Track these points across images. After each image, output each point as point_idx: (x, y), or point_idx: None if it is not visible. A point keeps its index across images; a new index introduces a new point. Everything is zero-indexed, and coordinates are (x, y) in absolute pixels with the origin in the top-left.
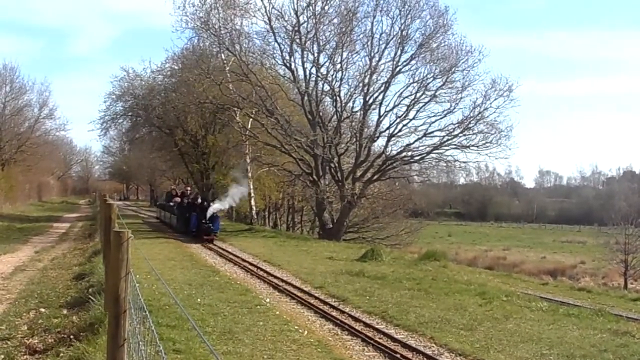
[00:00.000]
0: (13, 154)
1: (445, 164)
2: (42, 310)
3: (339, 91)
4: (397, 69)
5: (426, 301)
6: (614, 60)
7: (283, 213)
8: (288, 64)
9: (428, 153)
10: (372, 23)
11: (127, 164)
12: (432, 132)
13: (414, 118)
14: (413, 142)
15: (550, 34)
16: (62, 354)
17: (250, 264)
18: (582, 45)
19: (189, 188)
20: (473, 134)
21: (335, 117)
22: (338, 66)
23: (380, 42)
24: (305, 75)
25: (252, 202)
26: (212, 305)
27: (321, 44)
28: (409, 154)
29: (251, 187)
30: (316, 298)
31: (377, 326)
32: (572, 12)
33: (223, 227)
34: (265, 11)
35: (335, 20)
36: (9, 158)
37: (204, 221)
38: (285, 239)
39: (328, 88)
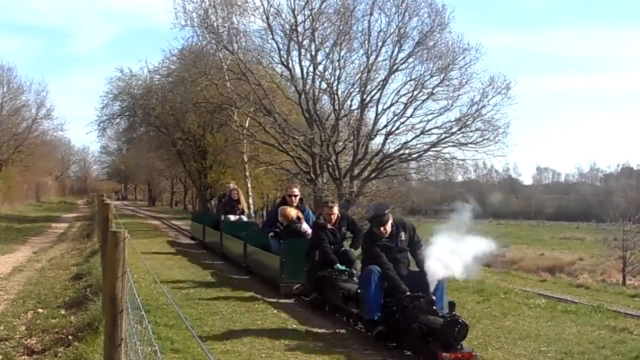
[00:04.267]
0: (11, 155)
1: (443, 162)
2: (40, 310)
3: (337, 89)
4: (394, 67)
5: None
6: (612, 57)
7: None
8: (285, 63)
9: (426, 151)
10: (369, 21)
11: (125, 163)
12: (430, 129)
13: (411, 116)
14: (411, 140)
15: (548, 32)
16: (60, 354)
17: None
18: (579, 43)
19: (328, 196)
20: (471, 131)
21: (332, 115)
22: (335, 64)
23: (378, 40)
24: (302, 74)
25: (250, 201)
26: (210, 304)
27: (318, 42)
28: (407, 151)
29: (249, 185)
30: None
31: None
32: (569, 10)
33: None
34: (264, 10)
35: (332, 19)
36: (6, 158)
37: (422, 299)
38: None
39: (325, 86)
